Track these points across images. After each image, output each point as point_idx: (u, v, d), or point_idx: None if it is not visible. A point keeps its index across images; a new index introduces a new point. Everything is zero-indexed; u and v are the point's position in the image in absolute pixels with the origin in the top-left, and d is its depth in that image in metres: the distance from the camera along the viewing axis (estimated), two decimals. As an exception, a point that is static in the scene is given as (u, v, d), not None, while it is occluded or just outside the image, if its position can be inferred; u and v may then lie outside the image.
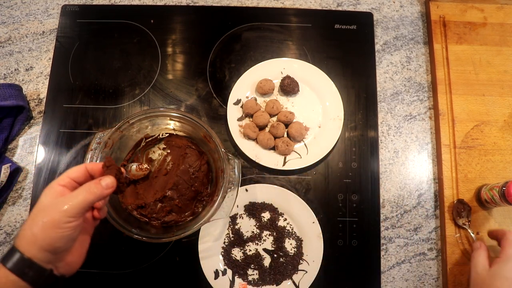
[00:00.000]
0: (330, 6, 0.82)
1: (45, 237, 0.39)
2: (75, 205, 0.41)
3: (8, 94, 0.69)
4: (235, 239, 0.68)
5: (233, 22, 0.80)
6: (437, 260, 0.69)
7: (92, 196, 0.42)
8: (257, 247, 0.68)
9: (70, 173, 0.45)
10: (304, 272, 0.66)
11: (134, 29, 0.79)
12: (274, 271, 0.66)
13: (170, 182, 0.65)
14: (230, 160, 0.61)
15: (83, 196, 0.41)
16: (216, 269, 0.66)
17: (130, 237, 0.57)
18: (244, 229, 0.68)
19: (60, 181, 0.44)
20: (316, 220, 0.67)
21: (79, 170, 0.45)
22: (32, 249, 0.40)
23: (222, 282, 0.65)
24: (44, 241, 0.40)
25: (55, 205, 0.41)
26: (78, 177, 0.45)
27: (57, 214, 0.40)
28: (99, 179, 0.44)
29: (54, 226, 0.40)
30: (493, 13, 0.80)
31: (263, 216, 0.69)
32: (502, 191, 0.62)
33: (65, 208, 0.40)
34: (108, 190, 0.44)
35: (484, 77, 0.76)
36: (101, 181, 0.44)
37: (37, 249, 0.40)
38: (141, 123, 0.64)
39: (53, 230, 0.40)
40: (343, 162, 0.72)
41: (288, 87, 0.73)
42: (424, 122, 0.76)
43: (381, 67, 0.78)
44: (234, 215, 0.69)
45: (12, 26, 0.80)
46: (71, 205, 0.40)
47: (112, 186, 0.44)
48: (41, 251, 0.40)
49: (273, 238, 0.68)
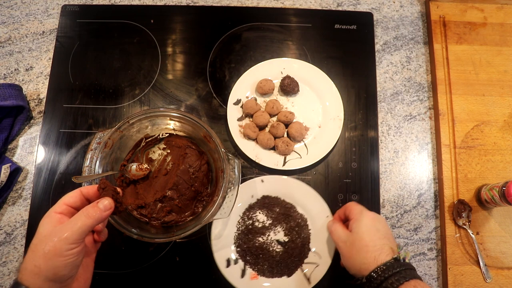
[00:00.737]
0: (330, 6, 0.82)
1: (48, 267, 0.39)
2: (75, 231, 0.40)
3: (8, 94, 0.69)
4: (248, 229, 0.68)
5: (233, 22, 0.80)
6: (437, 260, 0.69)
7: (91, 220, 0.42)
8: (270, 238, 0.68)
9: (65, 200, 0.45)
10: (315, 265, 0.66)
11: (134, 29, 0.79)
12: (286, 262, 0.66)
13: (170, 182, 0.65)
14: (230, 160, 0.61)
15: (82, 221, 0.41)
16: (228, 258, 0.66)
17: (130, 237, 0.57)
18: (258, 219, 0.69)
19: (57, 209, 0.43)
20: (330, 215, 0.67)
21: (74, 195, 0.45)
22: (37, 282, 0.39)
23: (234, 271, 0.65)
24: (48, 272, 0.39)
25: (55, 233, 0.40)
26: (74, 202, 0.45)
27: (58, 243, 0.39)
28: (96, 202, 0.44)
29: (56, 254, 0.39)
30: (493, 13, 0.80)
31: (277, 208, 0.69)
32: (502, 191, 0.62)
33: (66, 235, 0.40)
34: (107, 212, 0.43)
35: (484, 77, 0.76)
36: (99, 204, 0.43)
37: (42, 280, 0.39)
38: (141, 123, 0.64)
39: (56, 259, 0.39)
40: (343, 162, 0.72)
41: (288, 87, 0.73)
42: (424, 122, 0.76)
43: (381, 67, 0.78)
44: (248, 205, 0.69)
45: (12, 26, 0.80)
46: (72, 232, 0.40)
47: (110, 208, 0.44)
48: (46, 282, 0.39)
49: (286, 230, 0.68)
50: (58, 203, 0.44)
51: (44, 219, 0.43)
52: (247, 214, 0.69)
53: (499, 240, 0.68)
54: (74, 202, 0.45)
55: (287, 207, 0.69)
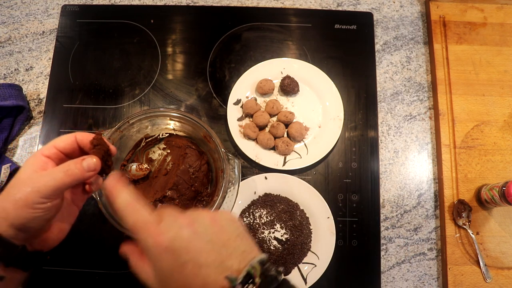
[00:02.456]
0: (330, 6, 0.82)
1: (16, 216, 0.35)
2: (49, 185, 0.36)
3: (8, 94, 0.69)
4: (248, 225, 0.68)
5: (233, 22, 0.80)
6: (437, 260, 0.69)
7: (70, 178, 0.37)
8: (270, 235, 0.68)
9: (57, 143, 0.39)
10: (313, 265, 0.66)
11: (134, 29, 0.79)
12: (284, 260, 0.66)
13: (170, 182, 0.65)
14: (230, 160, 0.61)
15: (60, 177, 0.36)
16: None
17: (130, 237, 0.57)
18: (259, 216, 0.69)
19: (45, 151, 0.39)
20: (331, 216, 0.67)
21: (68, 140, 0.40)
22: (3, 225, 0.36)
23: None
24: (15, 220, 0.35)
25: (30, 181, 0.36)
26: (65, 147, 0.40)
27: (30, 193, 0.35)
28: (81, 158, 0.38)
29: (26, 205, 0.35)
30: (493, 13, 0.80)
31: (280, 206, 0.69)
32: (502, 191, 0.62)
33: (39, 187, 0.35)
34: (90, 173, 0.38)
35: (484, 77, 0.76)
36: (83, 162, 0.38)
37: (8, 225, 0.36)
38: (141, 123, 0.64)
39: (25, 210, 0.35)
40: (343, 162, 0.72)
41: (288, 87, 0.73)
42: (424, 122, 0.76)
43: (381, 67, 0.78)
44: (251, 201, 0.69)
45: (12, 26, 0.80)
46: (46, 186, 0.36)
47: (94, 169, 0.38)
48: (12, 229, 0.36)
49: (287, 228, 0.68)
50: (48, 145, 0.39)
51: (29, 159, 0.38)
52: (249, 211, 0.69)
53: (499, 240, 0.68)
54: (65, 147, 0.40)
55: (290, 205, 0.69)
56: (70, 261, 0.67)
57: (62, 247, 0.67)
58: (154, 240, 0.32)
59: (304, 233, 0.67)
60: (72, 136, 0.40)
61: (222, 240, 0.33)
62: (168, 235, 0.32)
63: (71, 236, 0.68)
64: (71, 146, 0.40)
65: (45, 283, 0.66)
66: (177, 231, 0.32)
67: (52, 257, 0.67)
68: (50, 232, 0.40)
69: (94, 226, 0.68)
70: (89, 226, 0.68)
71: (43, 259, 0.41)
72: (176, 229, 0.33)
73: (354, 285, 0.67)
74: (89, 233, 0.68)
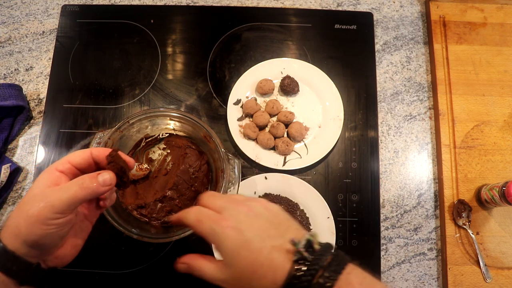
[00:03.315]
0: (330, 6, 0.82)
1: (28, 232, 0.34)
2: (64, 200, 0.35)
3: (8, 94, 0.69)
4: None
5: (233, 22, 0.80)
6: (437, 260, 0.69)
7: (85, 192, 0.36)
8: None
9: (71, 158, 0.39)
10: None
11: (134, 29, 0.79)
12: None
13: (170, 182, 0.65)
14: (230, 160, 0.61)
15: (74, 191, 0.36)
16: None
17: (130, 237, 0.57)
18: None
19: (59, 166, 0.38)
20: (331, 216, 0.67)
21: (83, 155, 0.39)
22: (16, 242, 0.35)
23: None
24: (27, 236, 0.35)
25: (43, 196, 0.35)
26: (80, 163, 0.39)
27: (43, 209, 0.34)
28: (97, 173, 0.38)
29: (38, 221, 0.34)
30: (493, 13, 0.80)
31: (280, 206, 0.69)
32: (502, 191, 0.62)
33: (53, 202, 0.35)
34: (105, 187, 0.38)
35: (484, 77, 0.76)
36: (98, 177, 0.37)
37: (21, 243, 0.35)
38: (141, 123, 0.64)
39: (37, 226, 0.34)
40: (343, 162, 0.72)
41: (288, 87, 0.73)
42: (424, 122, 0.76)
43: (381, 67, 0.78)
44: None
45: (12, 26, 0.80)
46: (60, 200, 0.35)
47: (110, 184, 0.38)
48: (25, 246, 0.35)
49: None
50: (62, 160, 0.38)
51: (42, 174, 0.37)
52: None
53: (499, 240, 0.68)
54: (80, 162, 0.39)
55: (290, 205, 0.69)
56: (70, 261, 0.67)
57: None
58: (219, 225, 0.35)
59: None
60: (87, 151, 0.40)
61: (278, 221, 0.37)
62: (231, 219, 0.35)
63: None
64: (86, 162, 0.40)
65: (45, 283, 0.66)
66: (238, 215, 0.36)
67: (52, 257, 0.67)
68: (64, 249, 0.40)
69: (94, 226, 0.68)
70: (89, 226, 0.68)
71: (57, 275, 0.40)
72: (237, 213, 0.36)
73: (354, 285, 0.67)
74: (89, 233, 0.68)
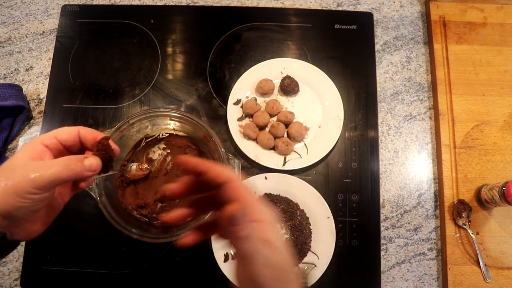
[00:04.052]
0: (330, 6, 0.82)
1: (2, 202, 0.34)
2: (46, 177, 0.34)
3: (8, 94, 0.69)
4: None
5: (233, 22, 0.80)
6: (437, 260, 0.69)
7: (69, 173, 0.35)
8: None
9: (58, 133, 0.38)
10: (313, 265, 0.66)
11: (134, 29, 0.79)
12: None
13: (170, 182, 0.65)
14: (230, 160, 0.61)
15: (59, 170, 0.35)
16: (227, 252, 0.66)
17: (130, 237, 0.57)
18: None
19: (45, 140, 0.37)
20: (331, 216, 0.67)
21: (70, 132, 0.39)
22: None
23: (231, 265, 0.65)
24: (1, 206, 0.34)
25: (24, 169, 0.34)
26: (67, 140, 0.39)
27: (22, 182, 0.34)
28: (83, 156, 0.37)
29: (15, 193, 0.34)
30: (493, 13, 0.80)
31: (280, 206, 0.69)
32: (502, 191, 0.62)
33: (34, 177, 0.34)
34: (90, 172, 0.37)
35: (484, 77, 0.76)
36: (85, 161, 0.37)
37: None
38: (141, 123, 0.64)
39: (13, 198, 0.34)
40: (343, 162, 0.72)
41: (288, 87, 0.73)
42: (424, 122, 0.76)
43: (381, 67, 0.78)
44: None
45: (12, 26, 0.80)
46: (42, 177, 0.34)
47: (95, 170, 0.38)
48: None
49: (286, 228, 0.68)
50: (48, 134, 0.38)
51: (26, 145, 0.36)
52: None
53: (499, 240, 0.68)
54: (66, 139, 0.39)
55: (290, 205, 0.69)
56: (70, 261, 0.67)
57: (62, 247, 0.68)
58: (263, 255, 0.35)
59: (304, 233, 0.67)
60: (75, 129, 0.39)
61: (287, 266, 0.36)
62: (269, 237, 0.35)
63: (71, 236, 0.68)
64: (73, 139, 0.39)
65: (45, 283, 0.66)
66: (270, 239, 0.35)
67: (52, 257, 0.67)
68: (32, 223, 0.39)
69: (94, 226, 0.68)
70: (89, 226, 0.68)
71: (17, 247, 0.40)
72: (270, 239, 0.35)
73: (354, 285, 0.67)
74: (89, 233, 0.68)
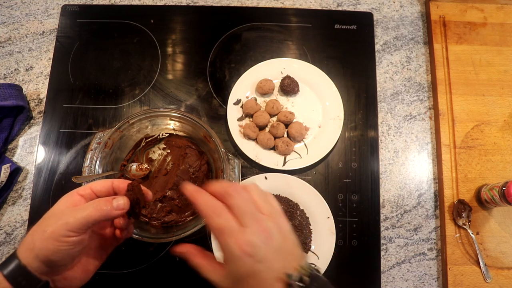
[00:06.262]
0: (330, 6, 0.82)
1: (41, 247, 0.37)
2: (78, 219, 0.37)
3: (8, 94, 0.69)
4: None
5: (233, 22, 0.80)
6: (437, 260, 0.69)
7: (98, 214, 0.38)
8: None
9: (93, 185, 0.42)
10: (313, 266, 0.66)
11: (134, 29, 0.79)
12: None
13: (170, 182, 0.65)
14: (230, 160, 0.61)
15: (89, 211, 0.38)
16: None
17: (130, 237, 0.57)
18: None
19: (80, 191, 0.41)
20: (331, 216, 0.67)
21: (104, 184, 0.42)
22: (29, 256, 0.37)
23: None
24: (40, 251, 0.37)
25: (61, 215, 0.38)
26: (101, 191, 0.42)
27: (58, 226, 0.37)
28: (112, 197, 0.41)
29: (52, 237, 0.37)
30: (493, 13, 0.80)
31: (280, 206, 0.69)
32: (502, 191, 0.62)
33: (67, 220, 0.37)
34: (118, 211, 0.40)
35: (484, 77, 0.76)
36: (113, 201, 0.40)
37: (33, 257, 0.37)
38: (141, 123, 0.64)
39: (51, 242, 0.37)
40: (343, 162, 0.72)
41: (288, 87, 0.73)
42: (424, 122, 0.76)
43: (381, 67, 0.78)
44: None
45: (12, 26, 0.80)
46: (74, 219, 0.37)
47: (123, 208, 0.40)
48: (37, 261, 0.37)
49: None
50: (84, 186, 0.42)
51: (64, 197, 0.41)
52: None
53: (499, 240, 0.68)
54: (100, 190, 0.42)
55: (290, 205, 0.69)
56: (70, 261, 0.67)
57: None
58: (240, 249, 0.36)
59: (304, 233, 0.67)
60: (109, 181, 0.43)
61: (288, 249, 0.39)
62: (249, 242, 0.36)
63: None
64: (107, 190, 0.43)
65: (45, 283, 0.66)
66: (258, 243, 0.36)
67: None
68: (73, 271, 0.41)
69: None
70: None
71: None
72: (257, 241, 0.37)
73: (354, 285, 0.67)
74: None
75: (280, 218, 0.41)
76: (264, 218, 0.39)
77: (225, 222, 0.37)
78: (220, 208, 0.38)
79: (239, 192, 0.39)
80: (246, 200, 0.39)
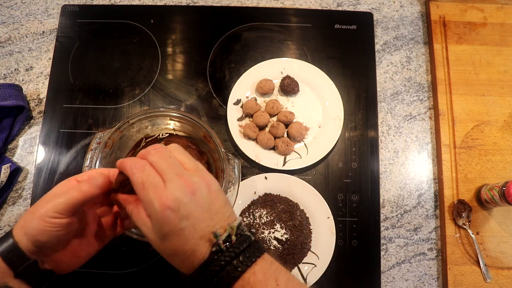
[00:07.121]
0: (330, 6, 0.82)
1: (30, 226, 0.38)
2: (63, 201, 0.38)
3: (8, 94, 0.69)
4: (248, 226, 0.68)
5: (233, 22, 0.80)
6: (437, 260, 0.69)
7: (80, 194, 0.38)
8: (269, 235, 0.68)
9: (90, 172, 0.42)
10: (313, 265, 0.66)
11: (134, 29, 0.79)
12: (284, 259, 0.66)
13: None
14: (230, 160, 0.61)
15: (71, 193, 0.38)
16: None
17: (130, 237, 0.57)
18: (259, 216, 0.69)
19: (78, 177, 0.41)
20: (331, 216, 0.67)
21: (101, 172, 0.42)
22: (20, 234, 0.38)
23: None
24: (29, 229, 0.38)
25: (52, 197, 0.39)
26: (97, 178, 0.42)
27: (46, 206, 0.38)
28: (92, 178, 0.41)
29: (39, 217, 0.38)
30: (493, 13, 0.80)
31: (280, 206, 0.69)
32: (502, 191, 0.62)
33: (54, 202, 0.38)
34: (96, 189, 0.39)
35: (484, 77, 0.76)
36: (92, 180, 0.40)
37: (23, 235, 0.38)
38: (141, 123, 0.64)
39: (38, 222, 0.38)
40: (343, 162, 0.72)
41: (288, 87, 0.73)
42: (424, 122, 0.76)
43: (381, 67, 0.78)
44: (251, 201, 0.69)
45: (12, 26, 0.80)
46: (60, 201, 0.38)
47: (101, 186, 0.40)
48: (26, 239, 0.38)
49: (287, 228, 0.68)
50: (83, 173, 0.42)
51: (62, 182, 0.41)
52: (249, 211, 0.69)
53: (499, 240, 0.68)
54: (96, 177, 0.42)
55: (290, 205, 0.69)
56: (70, 261, 0.67)
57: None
58: (161, 203, 0.34)
59: (304, 233, 0.67)
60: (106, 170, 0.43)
61: (216, 208, 0.37)
62: (172, 197, 0.35)
63: (71, 236, 0.68)
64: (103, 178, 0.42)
65: (45, 283, 0.66)
66: (181, 198, 0.35)
67: (52, 257, 0.67)
68: (62, 254, 0.41)
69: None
70: (89, 226, 0.68)
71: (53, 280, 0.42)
72: (180, 195, 0.35)
73: (354, 285, 0.67)
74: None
75: (207, 175, 0.39)
76: (189, 173, 0.37)
77: (147, 177, 0.36)
78: (143, 164, 0.37)
79: (159, 149, 0.38)
80: (167, 156, 0.38)
